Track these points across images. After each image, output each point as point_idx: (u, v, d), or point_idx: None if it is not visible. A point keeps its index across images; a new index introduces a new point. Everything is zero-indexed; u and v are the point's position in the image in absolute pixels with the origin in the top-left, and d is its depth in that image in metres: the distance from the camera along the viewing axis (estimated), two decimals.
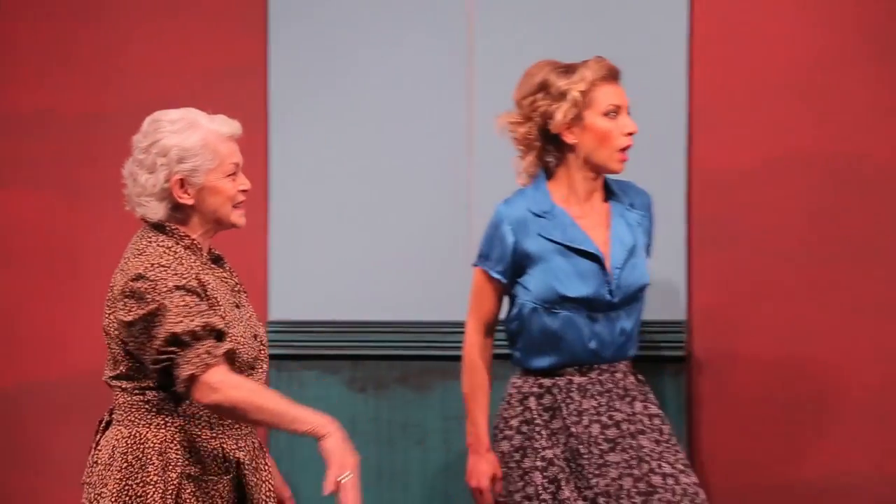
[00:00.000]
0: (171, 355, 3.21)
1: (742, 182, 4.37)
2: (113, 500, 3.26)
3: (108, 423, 3.38)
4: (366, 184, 4.63)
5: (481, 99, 4.55)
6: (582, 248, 3.86)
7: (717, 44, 4.39)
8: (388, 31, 4.64)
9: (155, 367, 3.24)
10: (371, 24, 4.65)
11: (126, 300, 3.25)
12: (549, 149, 3.90)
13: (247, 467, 3.35)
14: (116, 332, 3.27)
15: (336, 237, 4.63)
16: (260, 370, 3.40)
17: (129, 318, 3.23)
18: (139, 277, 3.23)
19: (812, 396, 4.34)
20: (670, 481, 3.87)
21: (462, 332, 4.53)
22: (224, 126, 3.36)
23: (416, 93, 4.61)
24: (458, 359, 4.57)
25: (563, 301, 3.85)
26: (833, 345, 4.31)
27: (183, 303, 3.21)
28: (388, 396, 4.61)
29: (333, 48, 4.68)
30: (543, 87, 3.85)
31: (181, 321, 3.20)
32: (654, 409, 3.94)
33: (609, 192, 3.96)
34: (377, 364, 4.62)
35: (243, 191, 3.38)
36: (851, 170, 4.29)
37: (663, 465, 3.87)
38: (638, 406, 3.92)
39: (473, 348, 3.96)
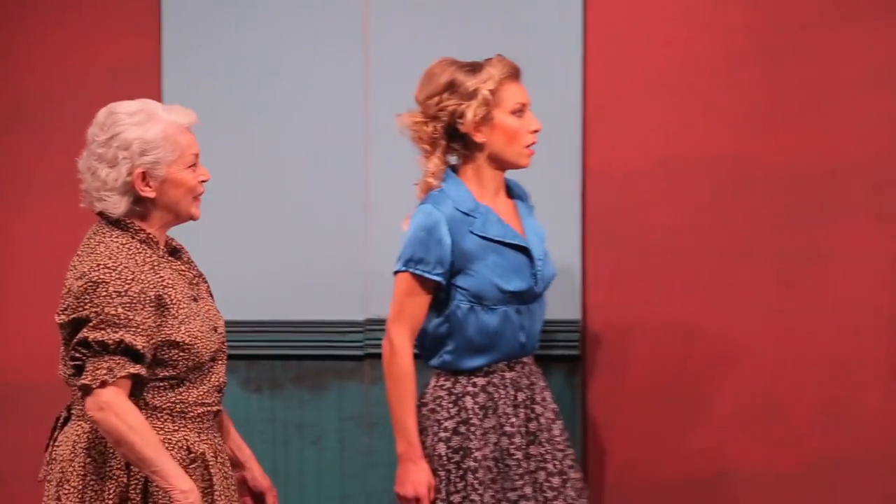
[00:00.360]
0: (82, 357, 3.18)
1: (636, 182, 4.40)
2: (77, 495, 3.21)
3: (66, 420, 3.33)
4: (261, 183, 4.61)
5: (377, 98, 4.55)
6: (515, 242, 3.88)
7: (612, 45, 4.43)
8: (282, 30, 4.62)
9: (70, 364, 3.21)
10: (265, 23, 4.63)
11: (67, 299, 3.21)
12: (454, 147, 3.89)
13: (210, 461, 3.31)
14: (61, 332, 3.25)
15: (230, 236, 4.60)
16: (220, 362, 3.37)
17: (62, 320, 3.21)
18: (82, 276, 3.19)
19: (704, 394, 4.38)
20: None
21: (358, 332, 4.55)
22: (182, 116, 3.31)
23: (312, 91, 4.59)
24: (353, 358, 4.58)
25: (503, 296, 3.86)
26: (725, 343, 4.36)
27: (114, 312, 3.17)
28: (283, 397, 4.59)
29: (227, 46, 4.65)
30: (450, 86, 3.84)
31: (101, 330, 3.16)
32: (553, 404, 3.99)
33: (507, 188, 3.99)
34: (272, 364, 4.59)
35: (203, 181, 3.34)
36: (742, 170, 4.34)
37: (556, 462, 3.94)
38: (548, 397, 3.97)
39: (403, 356, 3.83)
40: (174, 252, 3.39)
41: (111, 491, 3.21)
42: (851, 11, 4.27)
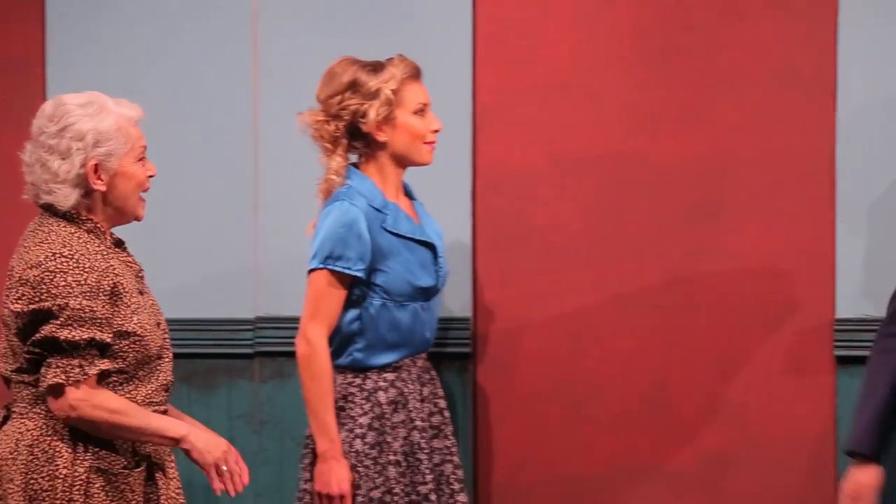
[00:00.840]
0: (45, 353, 3.13)
1: (526, 181, 4.43)
2: (20, 494, 3.15)
3: (6, 419, 3.25)
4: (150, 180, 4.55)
5: (266, 96, 4.53)
6: (423, 239, 3.90)
7: (501, 44, 4.45)
8: (170, 26, 4.58)
9: (25, 356, 3.16)
10: (153, 19, 4.59)
11: (21, 288, 3.14)
12: (355, 146, 3.90)
13: (156, 462, 3.28)
14: (14, 322, 3.17)
15: (119, 234, 4.54)
16: (166, 360, 3.33)
17: (18, 308, 3.14)
18: (37, 266, 3.13)
19: (592, 392, 4.42)
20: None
21: (247, 330, 4.53)
22: (131, 110, 3.28)
23: (200, 89, 4.56)
24: (243, 357, 4.56)
25: (413, 292, 3.87)
26: (614, 341, 4.40)
27: (78, 305, 3.12)
28: (172, 395, 4.53)
29: (114, 43, 4.60)
30: (353, 85, 3.84)
31: (68, 327, 3.12)
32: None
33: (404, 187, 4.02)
34: None
35: (150, 176, 3.30)
36: (629, 170, 4.39)
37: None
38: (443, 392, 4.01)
39: (321, 355, 3.82)
40: (118, 244, 3.35)
41: (57, 490, 3.16)
42: (736, 12, 4.33)
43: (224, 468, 3.21)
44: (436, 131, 3.91)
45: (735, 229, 4.33)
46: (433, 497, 3.87)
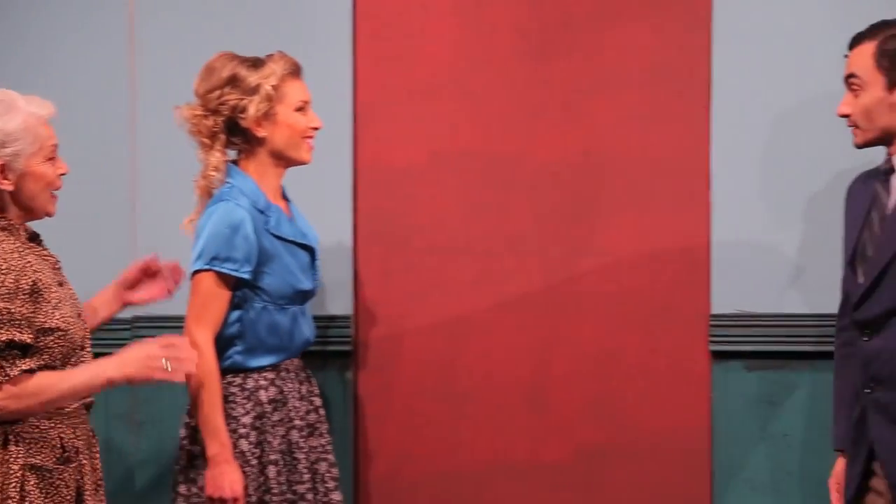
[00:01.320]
0: None
1: (406, 179, 4.44)
2: None
3: None
4: None
5: (144, 94, 4.49)
6: (304, 242, 3.89)
7: (382, 42, 4.46)
8: (44, 20, 4.53)
9: None
10: (27, 13, 4.54)
11: None
12: (234, 142, 3.88)
13: (84, 455, 3.28)
14: None
15: None
16: (88, 351, 3.31)
17: None
18: None
19: (472, 389, 4.45)
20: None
21: (125, 330, 4.48)
22: (41, 108, 3.25)
23: (76, 84, 4.52)
24: None
25: (295, 296, 3.86)
26: (494, 338, 4.43)
27: None
28: None
29: None
30: (232, 80, 3.82)
31: None
32: None
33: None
34: None
35: (61, 174, 3.27)
36: (512, 168, 4.42)
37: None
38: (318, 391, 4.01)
39: (208, 357, 3.76)
40: (33, 238, 3.33)
41: None
42: (614, 12, 4.38)
43: (169, 365, 3.22)
44: (316, 128, 3.92)
45: (613, 226, 4.38)
46: (309, 496, 3.87)
